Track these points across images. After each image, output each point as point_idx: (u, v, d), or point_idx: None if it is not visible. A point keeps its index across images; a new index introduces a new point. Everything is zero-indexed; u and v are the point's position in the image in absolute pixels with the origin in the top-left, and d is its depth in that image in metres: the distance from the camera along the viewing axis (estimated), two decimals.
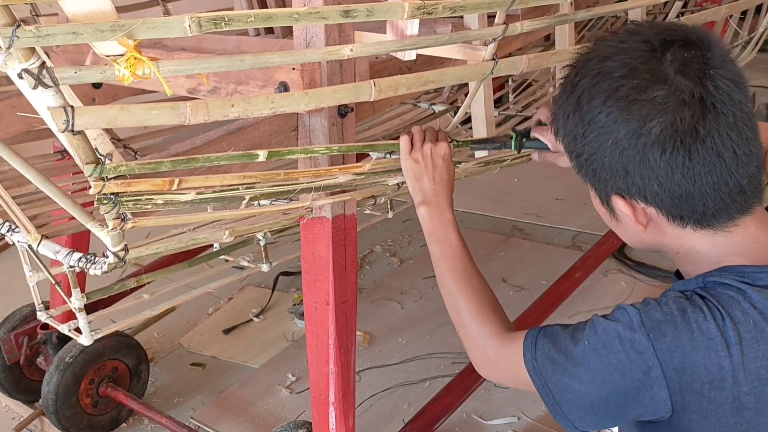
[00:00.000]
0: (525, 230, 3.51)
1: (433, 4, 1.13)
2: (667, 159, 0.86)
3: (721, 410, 0.88)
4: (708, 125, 0.85)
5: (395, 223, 3.47)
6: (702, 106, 0.84)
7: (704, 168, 0.86)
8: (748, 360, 0.85)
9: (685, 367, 0.86)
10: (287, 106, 1.12)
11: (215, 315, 2.98)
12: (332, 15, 1.07)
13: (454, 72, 1.28)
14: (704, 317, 0.86)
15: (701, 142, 0.85)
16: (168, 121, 1.03)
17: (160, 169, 1.11)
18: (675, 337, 0.86)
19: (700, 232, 0.92)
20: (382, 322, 2.85)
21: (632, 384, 0.89)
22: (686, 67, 0.85)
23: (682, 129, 0.85)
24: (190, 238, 1.35)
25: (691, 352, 0.85)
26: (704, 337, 0.85)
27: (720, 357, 0.85)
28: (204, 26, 0.95)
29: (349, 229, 1.55)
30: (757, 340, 0.86)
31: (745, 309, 0.87)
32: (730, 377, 0.86)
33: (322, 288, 1.54)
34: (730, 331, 0.85)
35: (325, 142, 1.45)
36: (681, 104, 0.84)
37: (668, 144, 0.86)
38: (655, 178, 0.88)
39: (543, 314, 2.40)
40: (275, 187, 1.29)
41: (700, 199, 0.89)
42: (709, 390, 0.87)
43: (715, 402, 0.87)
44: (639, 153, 0.87)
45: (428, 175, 1.27)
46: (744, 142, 0.87)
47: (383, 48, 1.16)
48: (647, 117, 0.85)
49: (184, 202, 1.18)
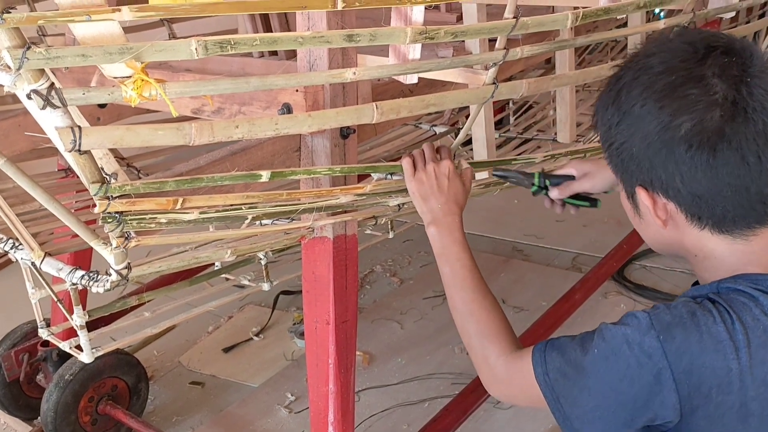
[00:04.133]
0: (525, 251, 3.52)
1: (435, 29, 1.15)
2: (692, 156, 0.88)
3: (727, 416, 0.88)
4: (736, 128, 0.86)
5: (396, 243, 3.48)
6: (733, 109, 0.86)
7: (727, 169, 0.88)
8: (756, 364, 0.86)
9: (694, 369, 0.86)
10: (291, 127, 1.13)
11: (215, 333, 2.98)
12: (336, 39, 1.09)
13: (455, 95, 1.30)
14: (713, 320, 0.87)
15: (727, 143, 0.87)
16: (173, 141, 1.04)
17: (164, 189, 1.13)
18: (684, 339, 0.87)
19: (718, 237, 0.93)
20: (381, 342, 2.85)
21: (642, 390, 0.89)
22: (724, 71, 0.87)
23: (710, 128, 0.87)
24: (193, 256, 1.36)
25: (700, 354, 0.86)
26: (713, 339, 0.86)
27: (728, 359, 0.86)
28: (210, 49, 0.97)
29: (350, 249, 1.56)
30: (766, 346, 0.86)
31: (755, 315, 0.87)
32: (737, 380, 0.86)
33: (323, 308, 1.55)
34: (740, 335, 0.86)
35: (328, 163, 1.47)
36: (712, 104, 0.87)
37: (694, 141, 0.87)
38: (678, 174, 0.90)
39: (542, 335, 2.40)
40: (277, 207, 1.31)
41: (720, 202, 0.90)
42: (717, 393, 0.87)
43: (722, 407, 0.87)
44: (665, 146, 0.89)
45: (435, 195, 1.27)
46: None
47: (386, 72, 1.18)
48: (678, 112, 0.88)
49: (188, 221, 1.20)
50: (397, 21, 1.19)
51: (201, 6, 0.98)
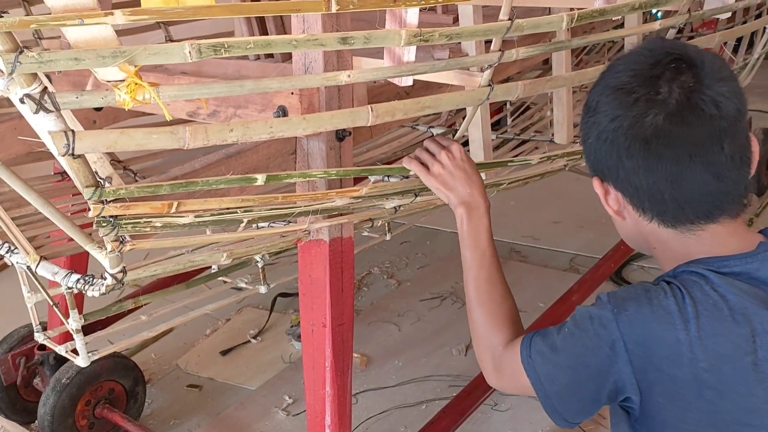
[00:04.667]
0: (522, 253, 3.52)
1: (429, 32, 1.15)
2: (629, 148, 0.95)
3: (683, 390, 0.92)
4: (673, 129, 0.92)
5: (393, 245, 3.48)
6: (675, 112, 0.92)
7: (660, 166, 0.94)
8: (705, 335, 0.90)
9: (645, 340, 0.92)
10: (285, 131, 1.13)
11: (213, 336, 2.97)
12: (330, 42, 1.09)
13: (451, 98, 1.29)
14: (665, 295, 0.93)
15: (662, 142, 0.93)
16: (168, 145, 1.04)
17: (159, 193, 1.12)
18: (636, 310, 0.93)
19: (666, 230, 0.99)
20: (379, 344, 2.85)
21: (602, 361, 0.95)
22: (676, 77, 0.93)
23: (648, 125, 0.93)
24: (188, 260, 1.36)
25: (650, 324, 0.92)
26: (663, 311, 0.92)
27: (677, 330, 0.91)
28: (204, 53, 0.97)
29: (346, 252, 1.56)
30: (716, 319, 0.91)
31: (705, 291, 0.93)
32: (687, 351, 0.91)
33: (319, 310, 1.55)
34: (689, 308, 0.91)
35: (323, 166, 1.47)
36: (656, 104, 0.93)
37: (633, 135, 0.94)
38: (621, 166, 0.97)
39: None
40: (273, 210, 1.31)
41: (658, 197, 0.96)
42: (668, 366, 0.92)
43: (676, 381, 0.92)
44: (612, 139, 0.96)
45: (460, 182, 1.27)
46: (720, 159, 0.93)
47: (380, 74, 1.18)
48: (624, 108, 0.94)
49: (183, 224, 1.19)
50: (391, 23, 1.19)
51: (194, 9, 0.97)
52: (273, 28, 1.96)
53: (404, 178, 1.45)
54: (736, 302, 0.92)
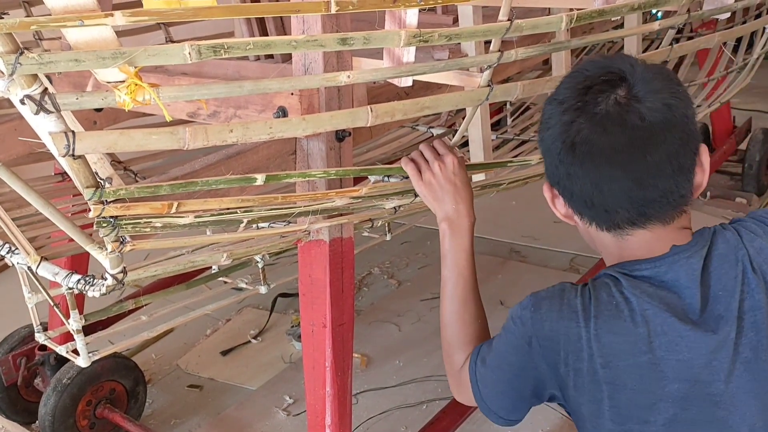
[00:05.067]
0: (522, 253, 3.52)
1: (429, 32, 1.15)
2: (563, 158, 0.99)
3: (587, 384, 0.99)
4: (597, 138, 0.96)
5: (393, 245, 3.48)
6: (602, 121, 0.96)
7: (583, 172, 0.98)
8: (602, 333, 0.97)
9: (553, 335, 0.99)
10: (285, 131, 1.13)
11: (213, 336, 2.98)
12: (330, 43, 1.09)
13: (450, 98, 1.30)
14: (575, 295, 1.00)
15: (586, 149, 0.97)
16: (167, 146, 1.04)
17: (159, 193, 1.12)
18: (548, 309, 1.00)
19: (603, 233, 1.03)
20: (379, 344, 2.85)
21: (522, 357, 1.02)
22: (611, 89, 0.96)
23: (578, 135, 0.97)
24: (188, 260, 1.36)
25: (557, 321, 0.99)
26: (570, 310, 0.99)
27: (580, 327, 0.98)
28: (204, 54, 0.97)
29: (347, 252, 1.56)
30: (614, 318, 0.97)
31: (612, 293, 0.99)
32: (587, 347, 0.98)
33: (319, 311, 1.55)
34: (592, 308, 0.98)
35: (323, 166, 1.47)
36: (584, 115, 0.97)
37: (565, 143, 0.98)
38: (558, 172, 1.01)
39: None
40: (273, 210, 1.31)
41: (589, 203, 1.00)
42: (573, 360, 0.99)
43: (580, 374, 0.99)
44: (549, 145, 1.01)
45: (448, 195, 1.28)
46: (642, 167, 0.96)
47: (380, 75, 1.18)
48: (558, 116, 0.99)
49: (183, 225, 1.19)
50: (391, 24, 1.19)
51: (194, 10, 0.98)
52: (273, 28, 1.96)
53: (404, 179, 1.45)
54: (637, 304, 0.97)
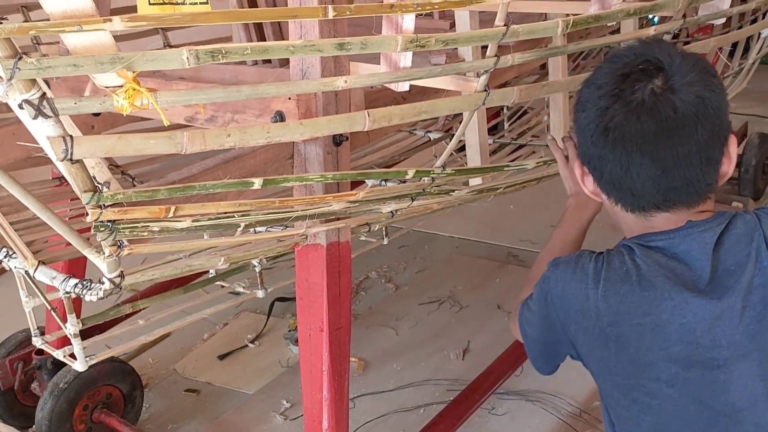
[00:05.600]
0: (520, 257, 3.53)
1: (425, 38, 1.16)
2: (596, 140, 1.03)
3: (594, 342, 1.05)
4: (629, 125, 1.00)
5: (391, 249, 3.48)
6: (637, 109, 0.99)
7: (618, 158, 1.02)
8: (609, 295, 1.03)
9: (564, 294, 1.08)
10: (283, 135, 1.14)
11: (210, 341, 2.98)
12: (327, 48, 1.10)
13: (447, 103, 1.30)
14: (589, 260, 1.08)
15: (618, 134, 1.01)
16: (165, 150, 1.05)
17: (156, 197, 1.13)
18: (564, 270, 1.09)
19: (627, 214, 1.08)
20: (377, 348, 2.86)
21: (543, 310, 1.12)
22: (644, 79, 1.00)
23: (609, 117, 1.01)
24: (186, 264, 1.36)
25: (569, 282, 1.07)
26: (582, 272, 1.07)
27: (588, 288, 1.05)
28: (201, 59, 0.98)
29: (344, 256, 1.56)
30: (623, 282, 1.03)
31: (624, 260, 1.05)
32: (593, 307, 1.04)
33: (316, 315, 1.55)
34: (603, 272, 1.05)
35: (321, 170, 1.47)
36: (620, 101, 1.01)
37: (599, 126, 1.02)
38: (590, 152, 1.06)
39: None
40: (270, 214, 1.31)
41: (617, 184, 1.05)
42: (581, 318, 1.06)
43: (587, 332, 1.06)
44: (584, 127, 1.05)
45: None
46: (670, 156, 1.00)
47: (377, 80, 1.19)
48: (595, 101, 1.03)
49: (180, 229, 1.20)
50: (388, 29, 1.20)
51: (192, 15, 0.98)
52: (271, 33, 1.96)
53: (401, 183, 1.46)
54: (647, 270, 1.03)
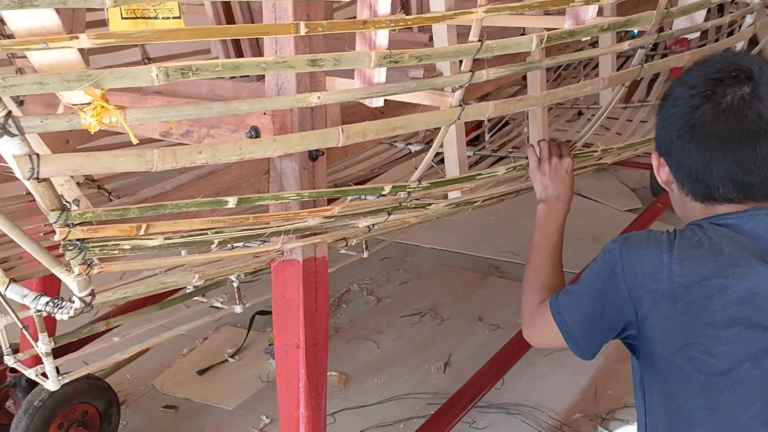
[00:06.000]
0: (502, 268, 3.53)
1: (399, 53, 1.15)
2: (681, 134, 1.15)
3: (661, 302, 1.12)
4: (716, 126, 1.12)
5: (373, 261, 3.47)
6: (725, 112, 1.12)
7: (701, 154, 1.14)
8: (684, 258, 1.12)
9: (636, 260, 1.14)
10: (255, 152, 1.13)
11: (190, 355, 2.94)
12: (300, 64, 1.09)
13: (422, 118, 1.30)
14: (661, 234, 1.16)
15: (704, 134, 1.13)
16: (135, 168, 1.03)
17: (127, 215, 1.11)
18: (635, 242, 1.16)
19: (695, 203, 1.19)
20: (358, 361, 2.84)
21: (608, 284, 1.16)
22: (736, 85, 1.12)
23: (698, 118, 1.13)
24: (159, 282, 1.34)
25: (642, 249, 1.14)
26: (656, 241, 1.15)
27: (662, 253, 1.13)
28: (171, 76, 0.97)
29: (320, 272, 1.55)
30: (695, 248, 1.12)
31: (695, 232, 1.15)
32: (666, 269, 1.11)
33: (293, 331, 1.54)
34: (676, 240, 1.14)
35: (297, 186, 1.47)
36: (711, 102, 1.12)
37: (687, 123, 1.14)
38: (672, 145, 1.17)
39: (516, 355, 2.40)
40: (244, 231, 1.30)
41: (694, 176, 1.16)
42: (651, 282, 1.12)
43: (657, 294, 1.12)
44: (671, 121, 1.17)
45: (554, 185, 1.52)
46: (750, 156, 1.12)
47: (350, 95, 1.18)
48: (686, 99, 1.15)
49: (152, 247, 1.18)
50: (361, 45, 1.20)
51: (161, 33, 0.97)
52: (248, 47, 1.96)
53: (380, 196, 1.45)
54: (718, 241, 1.12)
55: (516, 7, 1.21)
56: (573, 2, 1.35)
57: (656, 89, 2.98)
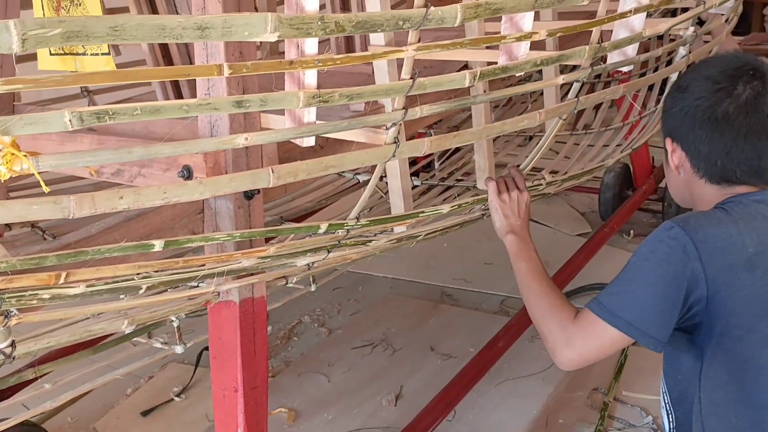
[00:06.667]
0: (454, 296, 3.52)
1: (329, 92, 1.14)
2: (704, 125, 1.26)
3: (738, 273, 1.18)
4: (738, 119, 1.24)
5: (325, 291, 3.42)
6: (743, 106, 1.24)
7: (721, 141, 1.25)
8: (749, 229, 1.21)
9: (707, 237, 1.19)
10: (181, 196, 1.10)
11: (134, 396, 2.85)
12: (225, 106, 1.06)
13: (356, 156, 1.28)
14: (712, 210, 1.26)
15: (726, 126, 1.24)
16: (51, 215, 1.00)
17: (45, 264, 1.07)
18: (696, 220, 1.22)
19: (710, 186, 1.30)
20: (308, 396, 2.78)
21: (678, 265, 1.18)
22: (751, 82, 1.25)
23: (721, 111, 1.25)
24: (85, 329, 1.29)
25: (709, 226, 1.21)
26: (715, 218, 1.23)
27: (729, 228, 1.20)
28: (86, 120, 0.93)
29: (259, 312, 1.52)
30: (755, 219, 1.23)
31: (742, 206, 1.24)
32: (738, 241, 1.19)
33: (230, 375, 1.49)
34: (734, 214, 1.23)
35: (232, 226, 1.43)
36: (731, 98, 1.25)
37: (711, 116, 1.25)
38: (692, 134, 1.28)
39: (467, 386, 2.38)
40: (175, 274, 1.26)
41: (713, 162, 1.27)
42: (727, 255, 1.19)
43: (733, 266, 1.18)
44: (691, 112, 1.27)
45: (515, 215, 1.59)
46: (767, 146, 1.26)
47: (280, 136, 1.16)
48: (708, 94, 1.26)
49: (74, 295, 1.13)
50: (290, 84, 1.18)
51: (74, 77, 0.94)
52: (185, 81, 1.93)
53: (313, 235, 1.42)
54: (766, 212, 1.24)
55: (446, 45, 1.21)
56: (505, 39, 1.36)
57: (600, 116, 3.03)
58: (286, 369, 2.97)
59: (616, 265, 1.26)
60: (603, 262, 3.47)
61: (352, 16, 1.08)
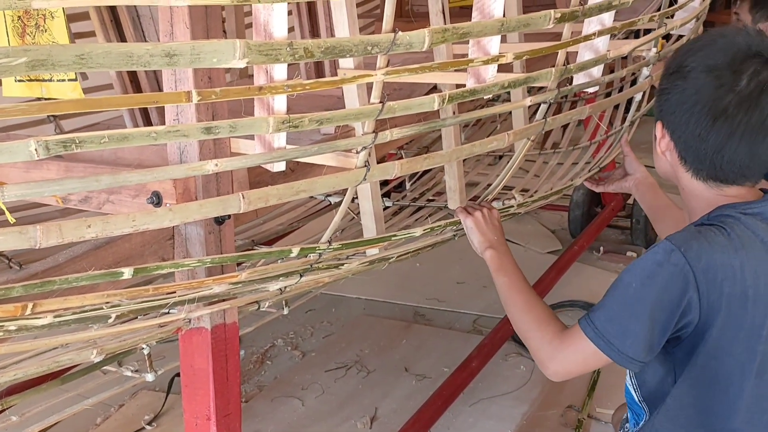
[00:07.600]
0: (427, 316, 3.52)
1: (298, 118, 1.14)
2: (701, 120, 1.19)
3: (732, 304, 1.17)
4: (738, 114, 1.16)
5: (298, 314, 3.41)
6: (745, 101, 1.16)
7: (716, 137, 1.19)
8: (749, 260, 1.17)
9: (709, 267, 1.16)
10: (150, 224, 1.08)
11: (104, 425, 2.79)
12: (193, 132, 1.06)
13: (326, 180, 1.28)
14: (714, 233, 1.18)
15: (725, 120, 1.17)
16: (16, 246, 0.98)
17: (10, 295, 1.05)
18: (698, 246, 1.17)
19: (697, 182, 1.25)
20: (281, 421, 2.75)
21: (677, 293, 1.16)
22: (757, 73, 1.16)
23: (721, 105, 1.17)
24: (53, 360, 1.27)
25: (712, 255, 1.16)
26: (718, 245, 1.17)
27: (731, 257, 1.16)
28: (52, 149, 0.93)
29: (231, 338, 1.50)
30: (754, 249, 1.19)
31: (742, 228, 1.19)
32: (739, 273, 1.17)
33: (203, 402, 1.47)
34: (735, 241, 1.17)
35: (202, 251, 1.42)
36: (732, 91, 1.16)
37: (709, 112, 1.18)
38: (687, 125, 1.21)
39: (441, 407, 2.37)
40: (144, 302, 1.24)
41: (702, 157, 1.22)
42: (728, 286, 1.16)
43: (729, 297, 1.17)
44: (689, 104, 1.20)
45: (491, 229, 1.60)
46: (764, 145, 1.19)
47: (250, 161, 1.16)
48: (711, 89, 1.18)
49: (41, 326, 1.11)
50: (260, 110, 1.18)
51: (40, 106, 0.93)
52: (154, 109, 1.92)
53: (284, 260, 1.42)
54: (764, 236, 1.20)
55: (414, 69, 1.22)
56: (473, 62, 1.37)
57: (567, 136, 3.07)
58: (259, 394, 2.94)
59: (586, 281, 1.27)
60: (573, 278, 3.52)
61: (320, 41, 1.09)
